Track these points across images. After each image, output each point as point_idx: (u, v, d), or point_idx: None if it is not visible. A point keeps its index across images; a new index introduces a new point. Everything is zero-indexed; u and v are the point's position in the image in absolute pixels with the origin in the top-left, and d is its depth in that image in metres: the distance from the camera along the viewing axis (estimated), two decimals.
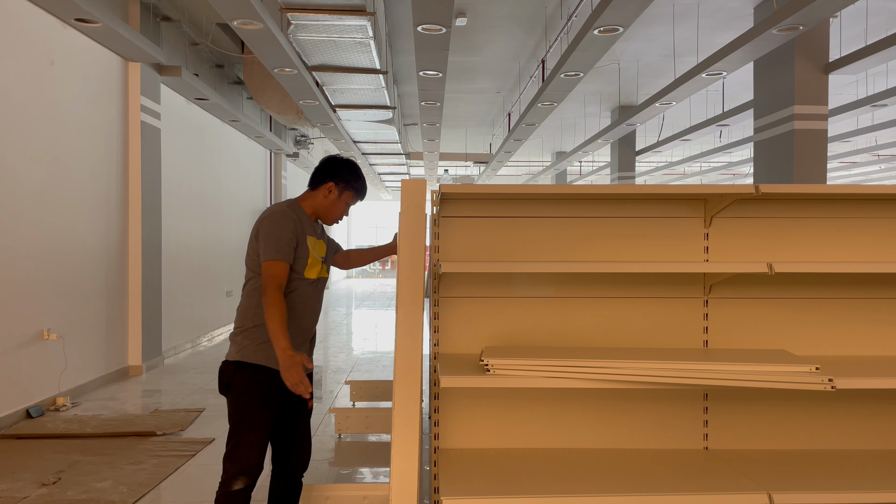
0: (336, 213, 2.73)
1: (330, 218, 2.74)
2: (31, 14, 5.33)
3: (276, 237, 2.51)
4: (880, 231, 2.53)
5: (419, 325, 1.98)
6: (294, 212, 2.61)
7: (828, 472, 2.22)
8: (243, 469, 2.46)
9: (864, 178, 20.24)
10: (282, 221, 2.55)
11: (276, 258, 2.48)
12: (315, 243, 2.67)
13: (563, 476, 2.16)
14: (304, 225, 2.63)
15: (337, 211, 2.72)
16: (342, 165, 2.70)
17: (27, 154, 5.26)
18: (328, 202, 2.69)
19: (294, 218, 2.58)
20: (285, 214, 2.57)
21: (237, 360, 2.53)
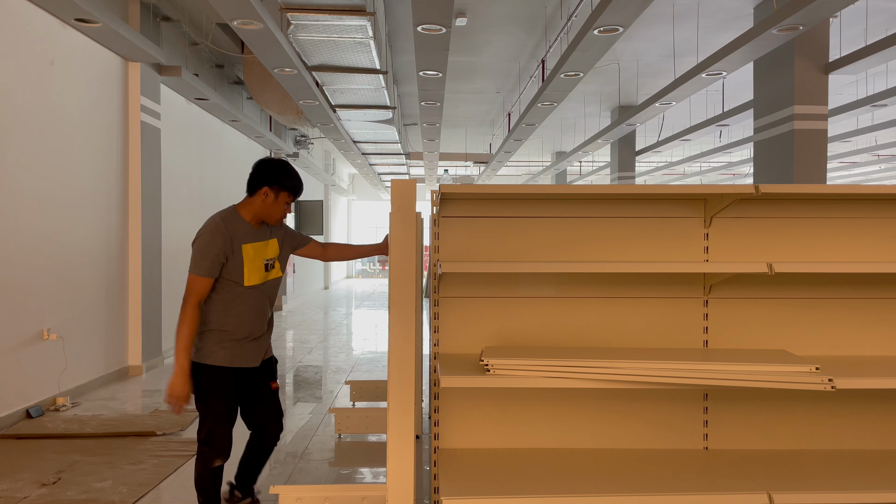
0: (277, 214, 2.86)
1: (273, 219, 2.87)
2: (31, 14, 5.34)
3: (201, 253, 2.73)
4: (880, 231, 2.53)
5: (412, 325, 1.98)
6: (227, 224, 2.78)
7: (828, 472, 2.22)
8: (220, 451, 2.89)
9: (864, 178, 20.24)
10: (210, 237, 2.74)
11: (196, 273, 2.72)
12: (258, 248, 2.83)
13: (563, 476, 2.16)
14: (240, 234, 2.78)
15: (278, 212, 2.86)
16: (275, 168, 2.82)
17: (27, 154, 5.27)
18: (267, 205, 2.82)
19: (224, 232, 2.75)
20: (216, 230, 2.75)
21: (195, 362, 2.78)
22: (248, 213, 2.84)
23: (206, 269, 2.71)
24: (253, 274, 2.81)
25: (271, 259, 2.90)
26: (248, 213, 2.84)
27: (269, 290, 2.93)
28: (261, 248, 2.84)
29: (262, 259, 2.84)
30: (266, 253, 2.87)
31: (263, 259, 2.85)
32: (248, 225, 2.82)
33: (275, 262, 2.93)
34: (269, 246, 2.89)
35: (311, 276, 18.55)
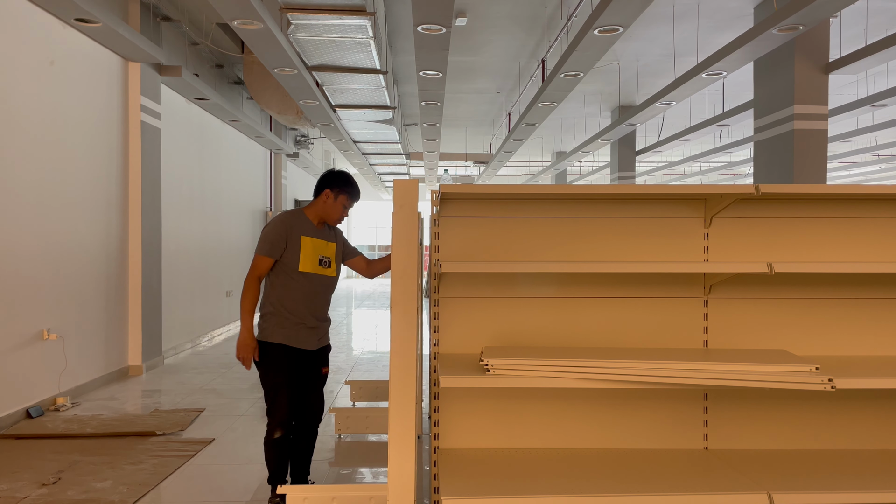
0: (336, 214, 3.38)
1: (332, 218, 3.39)
2: (31, 14, 5.34)
3: (264, 237, 3.26)
4: (880, 231, 2.53)
5: (414, 324, 1.98)
6: (292, 217, 3.31)
7: (828, 472, 2.22)
8: (279, 422, 3.26)
9: (864, 178, 20.24)
10: (274, 224, 3.28)
11: (258, 253, 3.25)
12: (315, 243, 3.32)
13: (563, 476, 2.16)
14: (300, 227, 3.29)
15: (336, 212, 3.37)
16: (336, 176, 3.38)
17: (27, 154, 5.27)
18: (328, 206, 3.35)
19: (287, 222, 3.28)
20: (280, 220, 3.29)
21: (260, 340, 3.27)
22: (312, 213, 3.36)
23: (265, 250, 3.24)
24: (307, 262, 3.28)
25: (328, 258, 3.38)
26: (312, 213, 3.36)
27: (324, 284, 3.39)
28: (319, 245, 3.33)
29: (318, 254, 3.32)
30: (324, 251, 3.36)
31: (320, 254, 3.33)
32: (310, 223, 3.34)
33: (331, 262, 3.41)
34: (328, 246, 3.40)
35: None
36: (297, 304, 3.27)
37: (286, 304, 3.26)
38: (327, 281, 3.40)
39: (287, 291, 3.26)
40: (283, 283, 3.27)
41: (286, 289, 3.26)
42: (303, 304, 3.28)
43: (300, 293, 3.27)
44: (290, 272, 3.25)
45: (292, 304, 3.26)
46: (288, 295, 3.26)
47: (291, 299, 3.26)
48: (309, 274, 3.29)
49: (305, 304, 3.29)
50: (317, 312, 3.36)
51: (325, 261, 3.36)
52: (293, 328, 3.27)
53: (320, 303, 3.38)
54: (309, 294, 3.30)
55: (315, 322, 3.34)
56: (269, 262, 3.24)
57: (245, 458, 4.35)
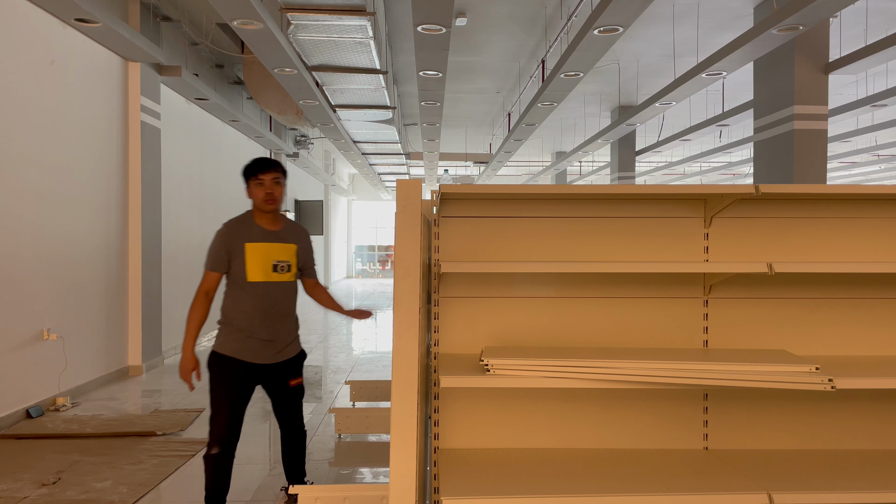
0: (260, 198, 3.13)
1: (264, 206, 3.13)
2: (31, 14, 5.33)
3: (209, 251, 3.13)
4: (880, 231, 2.53)
5: (416, 324, 1.98)
6: (236, 225, 3.15)
7: (828, 472, 2.22)
8: (217, 438, 3.08)
9: (864, 178, 20.24)
10: (216, 238, 3.14)
11: (205, 267, 3.14)
12: (267, 248, 3.12)
13: (564, 476, 2.16)
14: (245, 234, 3.11)
15: (258, 196, 3.13)
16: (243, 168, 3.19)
17: (27, 154, 5.27)
18: (251, 196, 3.17)
19: (228, 232, 3.12)
20: (222, 230, 3.14)
21: (211, 350, 3.15)
22: (257, 213, 3.17)
23: (209, 265, 3.11)
24: (257, 270, 3.08)
25: (284, 262, 3.14)
26: (257, 214, 3.17)
27: (282, 292, 3.16)
28: (273, 249, 3.12)
29: (271, 258, 3.11)
30: (279, 254, 3.13)
31: (274, 259, 3.11)
32: (259, 227, 3.14)
33: (290, 266, 3.17)
34: (285, 249, 3.16)
35: None
36: (248, 316, 3.08)
37: (236, 316, 3.10)
38: (285, 287, 3.17)
39: (237, 303, 3.10)
40: (233, 294, 3.11)
41: (237, 300, 3.10)
42: (254, 316, 3.09)
43: (251, 305, 3.08)
44: (240, 283, 3.08)
45: (241, 317, 3.09)
46: (238, 307, 3.10)
47: (241, 311, 3.09)
48: (260, 283, 3.09)
49: (258, 315, 3.09)
50: (272, 324, 3.14)
51: (282, 265, 3.14)
52: (243, 341, 3.09)
53: (277, 312, 3.16)
54: (262, 305, 3.09)
55: (269, 334, 3.13)
56: (215, 276, 3.11)
57: (245, 458, 4.35)
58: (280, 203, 3.17)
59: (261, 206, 3.12)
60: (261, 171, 3.10)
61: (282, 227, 3.20)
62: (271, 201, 3.10)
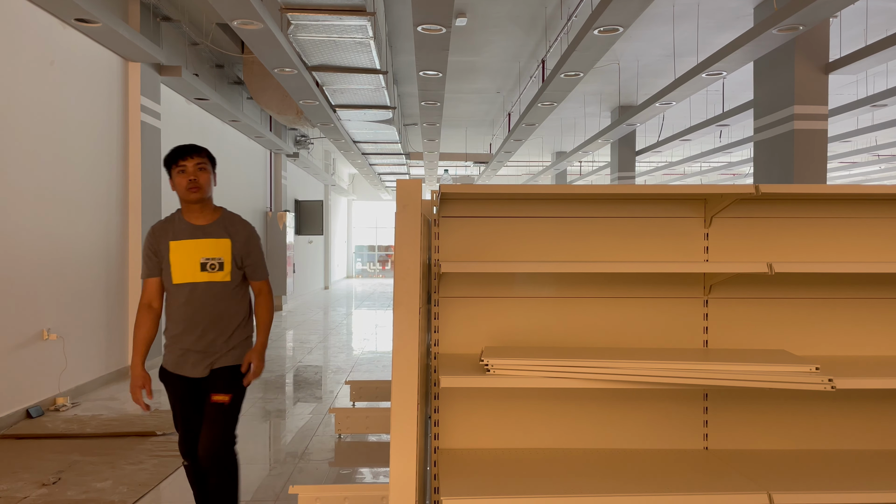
0: (182, 187, 2.79)
1: (182, 194, 2.82)
2: (31, 14, 5.33)
3: (141, 257, 2.93)
4: (880, 231, 2.53)
5: (416, 324, 1.98)
6: (161, 225, 2.88)
7: (828, 472, 2.22)
8: (181, 453, 2.96)
9: (864, 178, 20.24)
10: (145, 240, 2.90)
11: (141, 277, 2.92)
12: (195, 245, 2.80)
13: (563, 476, 2.16)
14: (169, 232, 2.83)
15: (180, 186, 2.80)
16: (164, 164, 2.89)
17: (27, 154, 5.27)
18: (174, 187, 2.84)
19: (153, 234, 2.87)
20: (149, 232, 2.89)
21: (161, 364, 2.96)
22: (185, 208, 2.88)
23: (143, 271, 2.90)
24: (183, 270, 2.79)
25: (217, 259, 2.81)
26: (185, 209, 2.87)
27: (213, 294, 2.81)
28: (202, 246, 2.80)
29: (200, 256, 2.80)
30: (209, 251, 2.80)
31: (202, 256, 2.80)
32: (186, 223, 2.84)
33: (223, 264, 2.82)
34: (217, 245, 2.82)
35: (311, 277, 18.54)
36: (176, 323, 2.82)
37: (169, 325, 2.86)
38: (217, 289, 2.81)
39: (169, 310, 2.86)
40: (167, 300, 2.88)
41: (168, 307, 2.87)
42: (182, 322, 2.81)
43: (178, 311, 2.81)
44: (168, 287, 2.84)
45: (172, 325, 2.84)
46: (169, 314, 2.86)
47: (171, 319, 2.85)
48: (186, 285, 2.79)
49: (185, 322, 2.80)
50: (202, 331, 2.81)
51: (213, 263, 2.80)
52: (177, 352, 2.84)
53: (207, 317, 2.81)
54: (189, 310, 2.80)
55: (199, 344, 2.81)
56: (151, 283, 2.85)
57: (245, 458, 4.34)
58: (206, 191, 2.81)
59: (184, 195, 2.78)
60: (182, 157, 2.77)
61: (213, 220, 2.86)
62: (195, 189, 2.75)
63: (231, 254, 2.84)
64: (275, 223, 12.96)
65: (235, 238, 2.86)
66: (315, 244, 18.59)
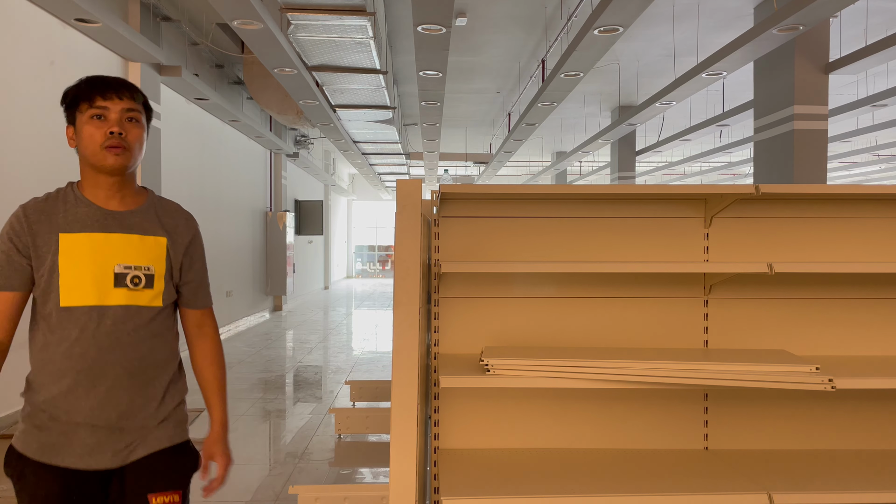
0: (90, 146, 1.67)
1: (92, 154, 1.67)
2: (31, 14, 5.34)
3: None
4: (880, 231, 2.53)
5: (416, 324, 1.98)
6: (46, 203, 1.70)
7: (828, 472, 2.22)
8: None
9: (864, 178, 20.25)
10: (3, 228, 1.70)
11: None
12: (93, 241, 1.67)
13: (563, 476, 2.16)
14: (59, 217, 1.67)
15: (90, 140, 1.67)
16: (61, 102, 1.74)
17: (27, 154, 5.27)
18: (77, 141, 1.72)
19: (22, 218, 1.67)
20: (13, 215, 1.69)
21: (9, 445, 1.78)
22: (89, 179, 1.71)
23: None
24: (78, 285, 1.65)
25: (139, 269, 1.71)
26: (90, 181, 1.71)
27: (128, 327, 1.69)
28: (109, 243, 1.68)
29: (109, 262, 1.67)
30: (124, 253, 1.69)
31: (115, 263, 1.68)
32: (91, 206, 1.70)
33: (151, 279, 1.72)
34: (140, 245, 1.72)
35: (311, 276, 18.54)
36: (56, 376, 1.69)
37: (42, 378, 1.73)
38: (140, 318, 1.71)
39: (44, 352, 1.72)
40: (38, 334, 1.75)
41: (43, 346, 1.73)
42: (71, 374, 1.67)
43: (64, 354, 1.67)
44: (48, 312, 1.69)
45: (44, 377, 1.72)
46: (45, 358, 1.72)
47: (46, 367, 1.71)
48: (86, 310, 1.65)
49: (78, 373, 1.67)
50: (110, 391, 1.68)
51: (137, 276, 1.71)
52: (55, 428, 1.70)
53: (119, 367, 1.69)
54: (89, 353, 1.66)
55: (104, 412, 1.68)
56: (2, 300, 1.70)
57: (245, 458, 4.35)
58: (135, 158, 1.72)
59: (98, 158, 1.66)
60: (102, 92, 1.67)
61: (139, 205, 1.77)
62: (118, 149, 1.65)
63: (166, 262, 1.77)
64: (275, 223, 12.96)
65: (175, 236, 1.82)
66: (315, 244, 18.59)
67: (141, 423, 1.77)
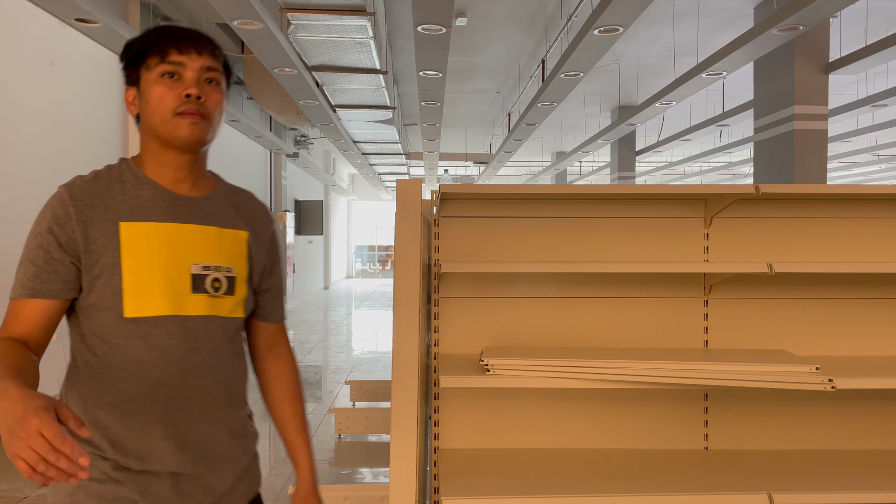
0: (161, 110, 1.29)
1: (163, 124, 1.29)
2: (31, 14, 5.34)
3: (23, 255, 1.33)
4: (880, 231, 2.53)
5: (416, 325, 1.98)
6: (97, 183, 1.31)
7: (828, 472, 2.22)
8: None
9: (864, 178, 20.25)
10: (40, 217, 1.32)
11: (11, 295, 1.31)
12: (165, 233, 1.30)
13: (563, 476, 2.16)
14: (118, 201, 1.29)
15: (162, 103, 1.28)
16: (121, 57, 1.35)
17: (27, 154, 5.27)
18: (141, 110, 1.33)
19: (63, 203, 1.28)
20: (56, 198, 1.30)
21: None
22: (153, 155, 1.34)
23: (21, 284, 1.29)
24: (151, 288, 1.28)
25: (221, 270, 1.36)
26: (153, 156, 1.34)
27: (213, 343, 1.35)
28: (184, 236, 1.33)
29: (186, 259, 1.32)
30: (207, 250, 1.35)
31: (193, 261, 1.32)
32: (155, 187, 1.33)
33: (231, 283, 1.38)
34: (218, 239, 1.37)
35: (311, 277, 18.54)
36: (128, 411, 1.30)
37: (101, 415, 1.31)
38: (221, 333, 1.37)
39: (99, 381, 1.34)
40: (84, 359, 1.40)
41: (95, 376, 1.35)
42: (146, 408, 1.30)
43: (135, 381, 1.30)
44: (106, 327, 1.32)
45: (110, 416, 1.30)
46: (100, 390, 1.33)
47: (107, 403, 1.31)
48: (157, 322, 1.30)
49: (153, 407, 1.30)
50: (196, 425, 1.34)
51: (214, 278, 1.36)
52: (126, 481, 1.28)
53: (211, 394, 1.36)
54: (164, 378, 1.30)
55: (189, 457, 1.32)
56: (35, 308, 1.30)
57: None
58: (213, 130, 1.35)
59: (169, 128, 1.30)
60: (178, 44, 1.31)
61: (211, 190, 1.43)
62: (195, 117, 1.29)
63: (248, 261, 1.43)
64: None
65: (256, 231, 1.48)
66: (315, 244, 18.59)
67: (228, 470, 1.40)
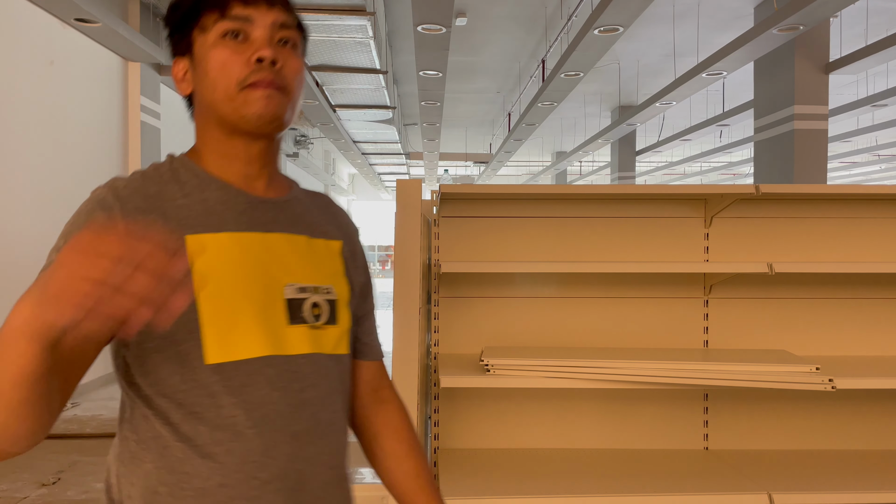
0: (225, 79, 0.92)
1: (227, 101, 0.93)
2: (31, 14, 5.33)
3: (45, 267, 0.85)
4: (880, 231, 2.53)
5: (416, 324, 1.98)
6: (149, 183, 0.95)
7: (828, 472, 2.22)
8: None
9: (864, 178, 20.25)
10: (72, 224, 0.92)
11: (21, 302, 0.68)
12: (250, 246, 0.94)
13: (564, 476, 2.15)
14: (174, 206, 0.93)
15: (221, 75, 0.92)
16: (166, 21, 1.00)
17: (27, 154, 5.26)
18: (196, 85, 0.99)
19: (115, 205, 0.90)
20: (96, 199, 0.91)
21: None
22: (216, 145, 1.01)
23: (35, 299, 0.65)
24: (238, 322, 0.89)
25: (321, 290, 0.99)
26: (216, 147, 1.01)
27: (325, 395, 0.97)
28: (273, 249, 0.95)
29: (277, 280, 0.94)
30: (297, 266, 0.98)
31: (286, 281, 0.95)
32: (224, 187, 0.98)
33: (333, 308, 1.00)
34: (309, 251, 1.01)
35: None
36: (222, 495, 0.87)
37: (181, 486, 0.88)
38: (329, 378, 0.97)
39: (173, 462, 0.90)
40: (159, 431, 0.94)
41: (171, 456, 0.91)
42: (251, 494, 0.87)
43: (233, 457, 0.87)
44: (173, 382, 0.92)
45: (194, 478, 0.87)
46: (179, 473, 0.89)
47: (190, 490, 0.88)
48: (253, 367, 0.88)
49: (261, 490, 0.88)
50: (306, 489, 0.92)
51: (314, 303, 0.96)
52: None
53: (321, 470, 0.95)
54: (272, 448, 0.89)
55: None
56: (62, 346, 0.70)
57: None
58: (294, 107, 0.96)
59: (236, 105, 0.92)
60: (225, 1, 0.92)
61: (289, 190, 1.05)
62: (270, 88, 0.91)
63: (347, 279, 1.08)
64: None
65: (349, 241, 1.14)
66: None
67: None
